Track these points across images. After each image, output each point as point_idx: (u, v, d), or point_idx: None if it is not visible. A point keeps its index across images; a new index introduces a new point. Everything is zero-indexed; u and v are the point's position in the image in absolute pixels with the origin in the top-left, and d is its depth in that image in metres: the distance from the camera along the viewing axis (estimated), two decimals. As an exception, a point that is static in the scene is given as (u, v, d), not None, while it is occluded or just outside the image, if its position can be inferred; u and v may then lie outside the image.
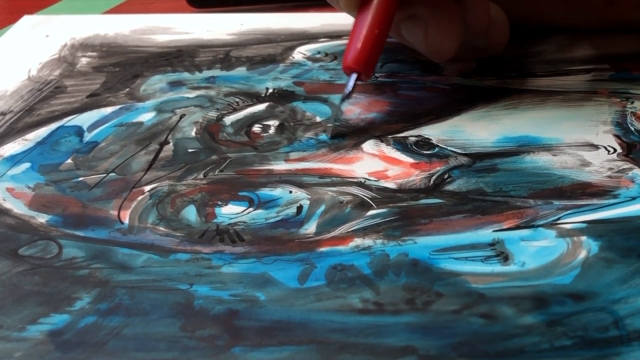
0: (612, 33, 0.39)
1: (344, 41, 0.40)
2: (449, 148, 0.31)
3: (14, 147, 0.33)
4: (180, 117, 0.35)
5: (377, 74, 0.37)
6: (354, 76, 0.32)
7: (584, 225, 0.26)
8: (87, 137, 0.34)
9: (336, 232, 0.27)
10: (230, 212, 0.28)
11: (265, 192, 0.29)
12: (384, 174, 0.30)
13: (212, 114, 0.35)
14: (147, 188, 0.30)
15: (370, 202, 0.28)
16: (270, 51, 0.41)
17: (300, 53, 0.40)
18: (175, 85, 0.38)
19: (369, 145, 0.32)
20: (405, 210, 0.28)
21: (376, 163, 0.31)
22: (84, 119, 0.35)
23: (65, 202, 0.29)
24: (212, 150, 0.32)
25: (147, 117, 0.35)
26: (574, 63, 0.37)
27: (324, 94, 0.36)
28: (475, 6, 0.34)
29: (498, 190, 0.28)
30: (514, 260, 0.25)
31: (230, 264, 0.26)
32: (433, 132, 0.32)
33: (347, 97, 0.32)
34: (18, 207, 0.29)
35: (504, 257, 0.25)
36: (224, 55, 0.40)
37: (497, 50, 0.36)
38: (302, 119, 0.34)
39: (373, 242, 0.26)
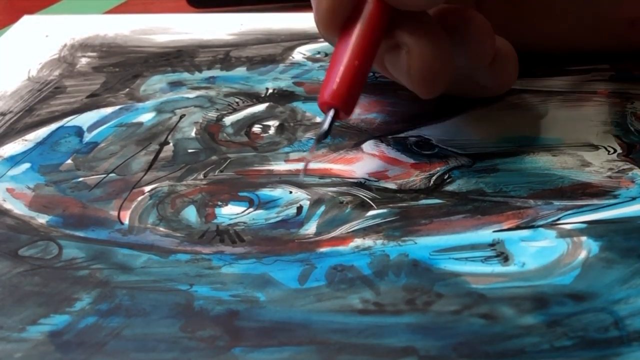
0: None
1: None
2: (449, 148, 0.31)
3: (14, 147, 0.33)
4: (180, 118, 0.35)
5: (376, 74, 0.37)
6: (332, 113, 0.27)
7: (584, 225, 0.26)
8: (87, 137, 0.34)
9: (336, 233, 0.27)
10: (230, 212, 0.28)
11: (265, 192, 0.29)
12: (384, 174, 0.30)
13: (212, 114, 0.35)
14: (147, 188, 0.30)
15: (371, 202, 0.28)
16: (270, 51, 0.41)
17: (300, 53, 0.40)
18: (175, 85, 0.38)
19: (369, 146, 0.32)
20: (405, 211, 0.28)
21: (376, 163, 0.31)
22: (84, 120, 0.35)
23: (66, 203, 0.29)
24: (212, 151, 0.32)
25: (147, 117, 0.35)
26: (574, 63, 0.37)
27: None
28: (478, 35, 0.30)
29: (498, 190, 0.28)
30: (514, 261, 0.25)
31: (231, 264, 0.26)
32: (433, 132, 0.32)
33: (324, 136, 0.27)
34: (18, 208, 0.29)
35: (504, 258, 0.25)
36: (224, 55, 0.40)
37: (502, 90, 0.33)
38: (302, 119, 0.34)
39: (373, 242, 0.26)
